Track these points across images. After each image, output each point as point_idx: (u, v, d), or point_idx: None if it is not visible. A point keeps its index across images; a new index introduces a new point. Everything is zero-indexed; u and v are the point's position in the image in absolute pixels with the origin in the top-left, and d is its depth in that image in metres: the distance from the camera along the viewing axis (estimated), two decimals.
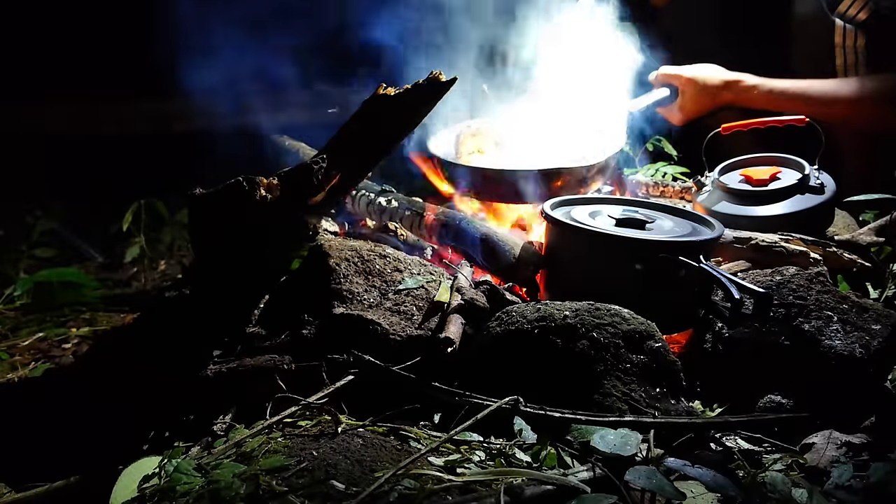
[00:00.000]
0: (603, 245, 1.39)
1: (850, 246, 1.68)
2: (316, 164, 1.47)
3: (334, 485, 0.96)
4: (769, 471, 1.06)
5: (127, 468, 1.03)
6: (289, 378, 1.30)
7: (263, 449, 1.07)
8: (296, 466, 1.01)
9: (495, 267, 1.57)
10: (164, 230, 2.96)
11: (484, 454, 1.09)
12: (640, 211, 1.51)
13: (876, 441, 1.13)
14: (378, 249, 1.52)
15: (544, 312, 1.26)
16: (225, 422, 1.24)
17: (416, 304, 1.40)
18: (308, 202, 1.55)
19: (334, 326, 1.38)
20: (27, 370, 1.83)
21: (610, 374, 1.20)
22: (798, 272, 1.40)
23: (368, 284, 1.43)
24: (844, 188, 1.81)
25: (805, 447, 1.15)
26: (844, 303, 1.34)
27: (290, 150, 2.19)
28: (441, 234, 1.73)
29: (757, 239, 1.64)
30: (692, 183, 2.04)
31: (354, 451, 1.06)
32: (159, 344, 1.44)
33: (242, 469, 1.00)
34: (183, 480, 0.96)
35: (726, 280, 1.25)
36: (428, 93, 1.51)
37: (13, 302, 2.31)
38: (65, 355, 1.96)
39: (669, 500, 0.94)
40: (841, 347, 1.26)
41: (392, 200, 1.91)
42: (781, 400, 1.25)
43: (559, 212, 1.51)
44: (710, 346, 1.36)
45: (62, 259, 2.88)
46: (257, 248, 1.51)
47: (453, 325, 1.31)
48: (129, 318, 2.19)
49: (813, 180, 1.79)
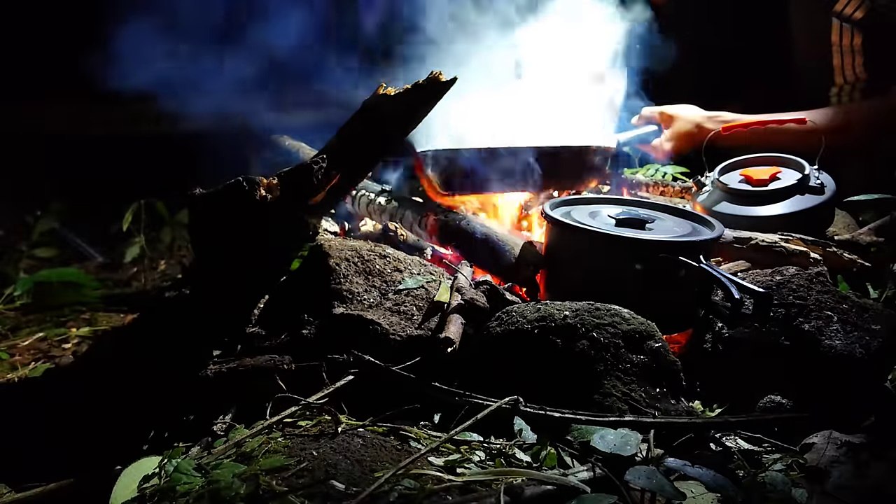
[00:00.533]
0: (603, 245, 1.39)
1: (850, 246, 1.68)
2: (316, 164, 1.47)
3: (334, 485, 0.96)
4: (769, 471, 1.06)
5: (127, 468, 1.03)
6: (289, 378, 1.30)
7: (263, 449, 1.07)
8: (296, 466, 1.01)
9: (495, 267, 1.57)
10: (164, 230, 2.97)
11: (484, 454, 1.09)
12: (640, 211, 1.51)
13: (876, 441, 1.13)
14: (378, 249, 1.52)
15: (544, 312, 1.26)
16: (225, 422, 1.24)
17: (416, 304, 1.40)
18: (308, 202, 1.55)
19: (334, 326, 1.38)
20: (27, 370, 1.83)
21: (610, 374, 1.20)
22: (798, 272, 1.40)
23: (368, 284, 1.43)
24: (844, 188, 1.81)
25: (805, 447, 1.14)
26: (844, 303, 1.34)
27: (291, 150, 2.19)
28: (441, 234, 1.73)
29: (757, 239, 1.64)
30: (692, 183, 2.04)
31: (354, 451, 1.06)
32: (159, 344, 1.44)
33: (242, 469, 1.00)
34: (183, 480, 0.96)
35: (726, 280, 1.25)
36: (428, 92, 1.51)
37: (13, 302, 2.31)
38: (65, 355, 1.96)
39: (669, 500, 0.94)
40: (841, 347, 1.26)
41: (392, 200, 1.91)
42: (781, 400, 1.25)
43: (559, 212, 1.51)
44: (710, 346, 1.36)
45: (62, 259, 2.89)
46: (257, 249, 1.51)
47: (453, 325, 1.31)
48: (128, 318, 2.19)
49: (813, 180, 1.79)
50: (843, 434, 1.14)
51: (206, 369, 1.35)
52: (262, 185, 1.44)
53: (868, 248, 1.69)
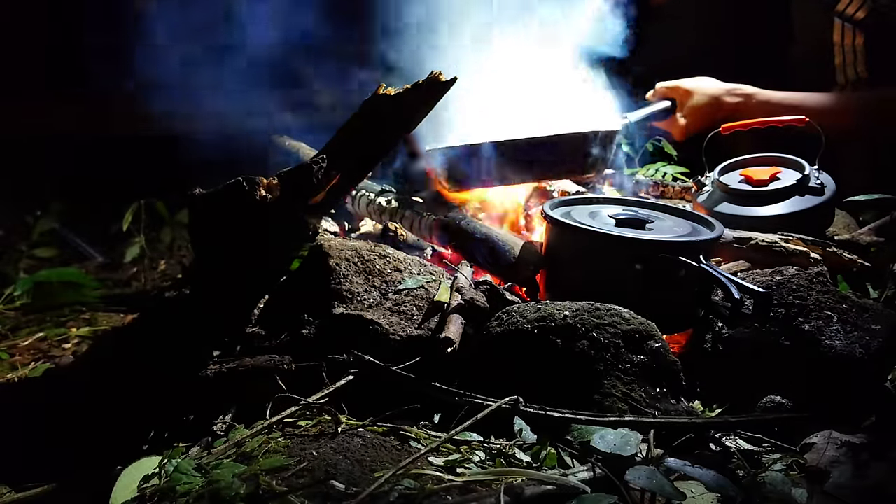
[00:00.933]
0: (603, 245, 1.39)
1: (850, 246, 1.68)
2: (316, 164, 1.47)
3: (334, 485, 0.96)
4: (769, 471, 1.06)
5: (127, 468, 1.03)
6: (289, 378, 1.30)
7: (263, 449, 1.07)
8: (296, 466, 1.01)
9: (495, 267, 1.57)
10: (164, 230, 2.97)
11: (484, 454, 1.09)
12: (640, 211, 1.51)
13: (876, 441, 1.13)
14: (378, 249, 1.52)
15: (544, 312, 1.26)
16: (225, 422, 1.24)
17: (416, 304, 1.40)
18: (308, 202, 1.55)
19: (334, 326, 1.38)
20: (27, 370, 1.83)
21: (610, 374, 1.20)
22: (798, 272, 1.40)
23: (368, 284, 1.43)
24: (844, 188, 1.81)
25: (805, 447, 1.14)
26: (844, 303, 1.34)
27: (291, 150, 2.19)
28: (441, 234, 1.73)
29: (757, 239, 1.64)
30: (692, 183, 2.04)
31: (354, 451, 1.06)
32: (159, 344, 1.44)
33: (242, 469, 1.00)
34: (183, 480, 0.96)
35: (726, 280, 1.25)
36: (428, 92, 1.51)
37: (13, 302, 2.31)
38: (64, 355, 1.96)
39: (669, 500, 0.94)
40: (841, 347, 1.26)
41: (392, 200, 1.91)
42: (781, 400, 1.25)
43: (559, 212, 1.51)
44: (710, 346, 1.35)
45: (62, 259, 2.88)
46: (257, 249, 1.51)
47: (453, 325, 1.31)
48: (128, 319, 2.19)
49: (813, 180, 1.79)
50: (843, 434, 1.14)
51: (206, 369, 1.35)
52: (262, 185, 1.44)
53: (868, 248, 1.69)
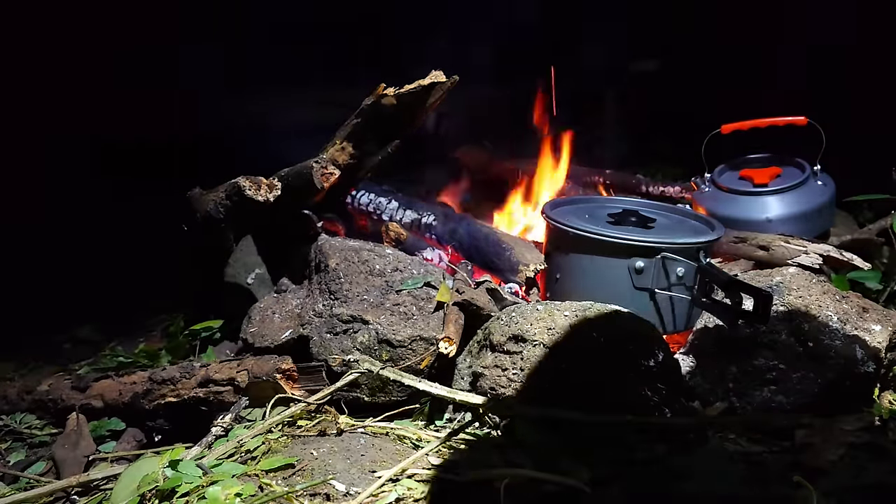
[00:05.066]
0: (603, 246, 1.39)
1: (850, 246, 1.68)
2: (316, 164, 1.48)
3: (334, 485, 0.96)
4: (769, 471, 1.06)
5: (127, 468, 1.03)
6: (289, 378, 1.30)
7: (263, 449, 1.07)
8: (296, 466, 1.01)
9: (495, 267, 1.57)
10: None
11: (484, 454, 1.09)
12: (641, 211, 1.51)
13: (876, 441, 1.13)
14: (378, 249, 1.52)
15: (544, 313, 1.26)
16: (225, 422, 1.24)
17: (415, 304, 1.40)
18: (308, 202, 1.55)
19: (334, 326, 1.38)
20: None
21: (610, 374, 1.19)
22: (798, 272, 1.40)
23: (368, 284, 1.43)
24: (844, 188, 1.81)
25: (805, 447, 1.14)
26: (844, 303, 1.33)
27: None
28: (441, 234, 1.73)
29: (757, 239, 1.64)
30: (692, 183, 2.04)
31: (354, 451, 1.06)
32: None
33: (242, 469, 1.00)
34: (183, 480, 0.96)
35: (726, 280, 1.25)
36: (428, 93, 1.51)
37: None
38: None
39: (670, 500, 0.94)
40: (841, 347, 1.26)
41: (392, 200, 1.91)
42: (781, 400, 1.25)
43: (559, 212, 1.51)
44: (710, 345, 1.35)
45: None
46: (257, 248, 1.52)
47: (453, 325, 1.31)
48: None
49: (813, 180, 1.79)
50: (842, 433, 1.14)
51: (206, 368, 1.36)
52: (262, 185, 1.44)
53: (868, 247, 1.69)
